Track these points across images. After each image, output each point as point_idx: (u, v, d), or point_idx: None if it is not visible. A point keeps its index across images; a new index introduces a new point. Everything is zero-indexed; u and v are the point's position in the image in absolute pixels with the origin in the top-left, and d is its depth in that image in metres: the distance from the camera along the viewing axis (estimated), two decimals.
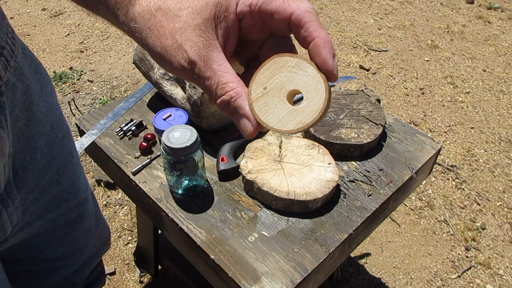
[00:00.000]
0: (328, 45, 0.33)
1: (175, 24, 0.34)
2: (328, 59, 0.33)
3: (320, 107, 0.34)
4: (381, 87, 2.33)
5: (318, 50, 0.33)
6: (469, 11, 3.11)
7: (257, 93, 0.35)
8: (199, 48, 0.33)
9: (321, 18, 2.91)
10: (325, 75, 0.34)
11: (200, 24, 0.34)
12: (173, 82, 0.94)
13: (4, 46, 0.49)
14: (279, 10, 0.33)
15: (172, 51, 0.34)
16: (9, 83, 0.52)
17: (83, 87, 2.20)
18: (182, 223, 0.76)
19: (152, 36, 0.35)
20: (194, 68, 0.34)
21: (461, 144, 2.00)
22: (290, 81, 0.35)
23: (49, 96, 0.63)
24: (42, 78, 0.62)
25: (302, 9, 0.33)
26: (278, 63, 0.35)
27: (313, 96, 0.35)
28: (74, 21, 2.70)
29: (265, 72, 0.35)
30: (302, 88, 0.35)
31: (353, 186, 0.84)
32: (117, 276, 1.41)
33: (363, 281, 1.42)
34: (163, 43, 0.34)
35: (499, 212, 1.70)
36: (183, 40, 0.34)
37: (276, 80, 0.35)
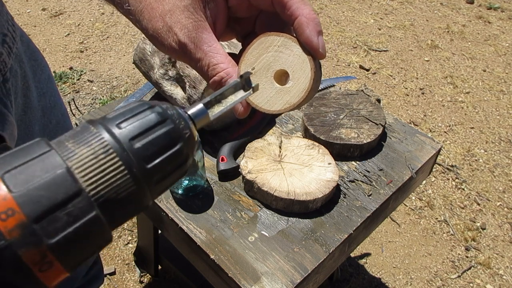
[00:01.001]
0: (312, 22, 0.32)
1: (164, 6, 0.34)
2: (311, 37, 0.32)
3: (306, 86, 0.34)
4: (381, 87, 2.33)
5: (302, 29, 0.33)
6: (469, 11, 3.11)
7: (246, 73, 0.35)
8: (188, 30, 0.34)
9: (321, 18, 2.91)
10: (310, 54, 0.34)
11: (188, 5, 0.34)
12: (173, 82, 0.94)
13: (6, 33, 0.50)
14: None
15: (163, 34, 0.34)
16: (12, 70, 0.52)
17: (83, 87, 2.20)
18: (182, 223, 0.76)
19: (144, 19, 0.35)
20: (185, 50, 0.34)
21: (461, 144, 2.00)
22: (277, 60, 0.35)
23: (43, 82, 0.64)
24: (37, 65, 0.62)
25: None
26: (264, 42, 0.35)
27: (299, 76, 0.34)
28: (74, 21, 2.70)
29: (253, 52, 0.35)
30: (288, 68, 0.34)
31: (353, 186, 0.84)
32: (117, 276, 1.41)
33: (363, 281, 1.42)
34: (154, 26, 0.34)
35: (499, 212, 1.70)
36: (173, 23, 0.34)
37: (263, 60, 0.35)
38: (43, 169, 0.18)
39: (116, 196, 0.20)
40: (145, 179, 0.21)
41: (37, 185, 0.18)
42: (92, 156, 0.20)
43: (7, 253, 0.17)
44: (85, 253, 0.20)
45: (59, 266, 0.19)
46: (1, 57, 0.49)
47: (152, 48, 0.96)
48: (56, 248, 0.18)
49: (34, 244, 0.17)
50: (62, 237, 0.18)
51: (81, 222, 0.19)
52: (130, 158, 0.21)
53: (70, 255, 0.19)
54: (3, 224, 0.17)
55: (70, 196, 0.18)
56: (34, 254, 0.18)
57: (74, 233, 0.18)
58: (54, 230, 0.18)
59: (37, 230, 0.18)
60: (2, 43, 0.49)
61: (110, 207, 0.20)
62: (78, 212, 0.19)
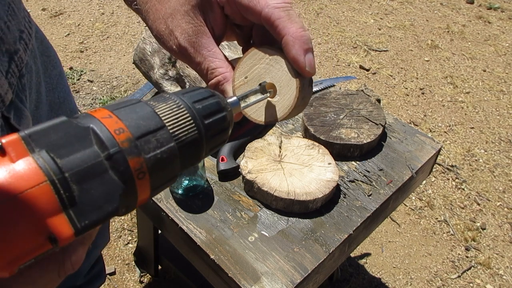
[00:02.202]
0: (299, 41, 0.32)
1: (166, 9, 0.35)
2: (297, 57, 0.33)
3: (290, 103, 0.35)
4: (381, 87, 2.33)
5: (288, 49, 0.33)
6: (469, 11, 3.11)
7: (239, 81, 0.37)
8: (188, 35, 0.35)
9: (321, 18, 2.91)
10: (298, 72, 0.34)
11: (189, 10, 0.35)
12: (173, 82, 0.94)
13: (23, 30, 0.51)
14: (250, 6, 0.33)
15: (165, 36, 0.36)
16: (28, 66, 0.53)
17: (83, 87, 2.20)
18: (182, 223, 0.76)
19: (149, 19, 0.37)
20: (186, 54, 0.36)
21: (461, 144, 2.00)
22: (267, 73, 0.36)
23: (53, 78, 0.64)
24: (50, 61, 0.63)
25: (270, 6, 0.32)
26: (257, 54, 0.36)
27: (285, 92, 0.35)
28: (74, 21, 2.70)
29: (247, 61, 0.36)
30: (276, 83, 0.35)
31: (353, 186, 0.84)
32: (117, 276, 1.41)
33: (363, 281, 1.42)
34: (157, 27, 0.36)
35: (499, 212, 1.70)
36: (174, 27, 0.35)
37: (255, 70, 0.36)
38: (139, 110, 0.26)
39: (185, 138, 0.27)
40: (204, 131, 0.28)
41: (136, 117, 0.25)
42: (169, 108, 0.27)
43: (119, 157, 0.23)
44: (163, 177, 0.26)
45: (148, 180, 0.25)
46: (18, 53, 0.49)
47: (152, 48, 0.96)
48: (149, 162, 0.24)
49: (136, 154, 0.24)
50: (153, 155, 0.25)
51: (164, 148, 0.25)
52: (194, 114, 0.28)
53: (155, 172, 0.25)
54: (117, 137, 0.23)
55: (157, 128, 0.25)
56: (136, 162, 0.24)
57: (160, 154, 0.25)
58: (148, 148, 0.24)
59: (138, 145, 0.24)
60: (19, 39, 0.50)
61: (180, 145, 0.27)
62: (163, 140, 0.25)
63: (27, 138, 0.21)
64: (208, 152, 0.30)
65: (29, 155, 0.21)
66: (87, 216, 0.22)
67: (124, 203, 0.24)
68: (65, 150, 0.22)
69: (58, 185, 0.21)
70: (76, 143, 0.22)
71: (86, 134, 0.23)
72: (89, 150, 0.23)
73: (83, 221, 0.22)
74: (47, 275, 0.26)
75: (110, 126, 0.24)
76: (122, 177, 0.23)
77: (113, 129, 0.23)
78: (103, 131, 0.23)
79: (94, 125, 0.23)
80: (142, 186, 0.25)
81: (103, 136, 0.23)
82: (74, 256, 0.27)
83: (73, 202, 0.22)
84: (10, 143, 0.21)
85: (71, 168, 0.22)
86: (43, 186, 0.21)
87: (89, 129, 0.23)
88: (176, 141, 0.26)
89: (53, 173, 0.21)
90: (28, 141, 0.21)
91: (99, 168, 0.23)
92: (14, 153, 0.21)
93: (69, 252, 0.27)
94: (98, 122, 0.24)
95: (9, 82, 0.47)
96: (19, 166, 0.21)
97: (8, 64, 0.47)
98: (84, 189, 0.22)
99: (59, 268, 0.26)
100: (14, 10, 0.50)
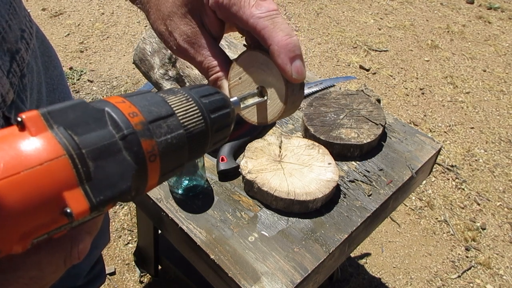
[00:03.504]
0: (284, 50, 0.32)
1: (164, 11, 0.37)
2: (284, 66, 0.33)
3: (279, 108, 0.36)
4: (381, 87, 2.33)
5: (274, 58, 0.33)
6: (469, 11, 3.11)
7: (234, 80, 0.38)
8: (188, 36, 0.37)
9: (321, 18, 2.91)
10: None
11: (186, 13, 0.36)
12: (173, 82, 0.94)
13: (24, 29, 0.51)
14: (237, 16, 0.34)
15: (166, 37, 0.38)
16: (29, 66, 0.53)
17: (83, 87, 2.20)
18: (182, 223, 0.76)
19: (150, 18, 0.38)
20: (186, 53, 0.38)
21: (461, 144, 2.00)
22: (259, 76, 0.37)
23: (54, 78, 0.64)
24: (50, 61, 0.63)
25: (255, 16, 0.33)
26: (250, 56, 0.37)
27: (275, 97, 0.36)
28: (74, 21, 2.70)
29: (241, 63, 0.37)
30: (267, 87, 0.37)
31: (353, 186, 0.84)
32: (117, 276, 1.41)
33: (363, 281, 1.42)
34: (158, 28, 0.38)
35: (499, 212, 1.70)
36: (173, 28, 0.37)
37: (248, 71, 0.37)
38: (150, 98, 0.27)
39: (193, 129, 0.28)
40: (210, 124, 0.30)
41: (148, 103, 0.26)
42: (178, 99, 0.29)
43: (133, 138, 0.24)
44: (172, 163, 0.27)
45: (158, 164, 0.26)
46: (20, 53, 0.49)
47: (152, 48, 0.96)
48: (160, 145, 0.26)
49: (149, 137, 0.25)
50: (164, 139, 0.26)
51: (174, 133, 0.27)
52: (201, 107, 0.29)
53: (166, 156, 0.26)
54: (132, 119, 0.24)
55: (168, 114, 0.27)
56: (148, 144, 0.25)
57: (170, 139, 0.26)
58: (160, 133, 0.26)
59: (151, 128, 0.25)
60: (20, 38, 0.50)
61: (188, 134, 0.28)
62: (173, 127, 0.27)
63: (46, 114, 0.22)
64: (212, 146, 0.32)
65: (48, 130, 0.22)
66: (102, 192, 0.23)
67: (135, 184, 0.25)
68: (82, 129, 0.23)
69: (76, 159, 0.22)
70: (93, 123, 0.23)
71: (102, 115, 0.24)
72: (105, 130, 0.24)
73: (98, 197, 0.23)
74: (54, 262, 0.27)
75: (124, 110, 0.25)
76: (135, 157, 0.24)
77: (127, 112, 0.25)
78: (117, 114, 0.24)
79: (109, 108, 0.24)
80: (152, 170, 0.26)
81: (118, 118, 0.24)
82: (82, 244, 0.28)
83: (89, 177, 0.22)
84: (30, 118, 0.22)
85: (88, 145, 0.22)
86: (62, 159, 0.21)
87: (104, 111, 0.24)
88: (184, 129, 0.28)
89: (72, 148, 0.22)
90: (47, 118, 0.22)
91: (114, 147, 0.23)
92: (34, 128, 0.22)
93: (77, 241, 0.27)
94: (112, 105, 0.25)
95: (10, 82, 0.47)
96: (38, 140, 0.22)
97: (10, 63, 0.47)
98: (99, 166, 0.23)
99: (65, 256, 0.27)
100: (16, 9, 0.50)
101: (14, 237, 0.21)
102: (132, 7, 2.84)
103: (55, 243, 0.27)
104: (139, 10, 2.99)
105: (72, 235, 0.27)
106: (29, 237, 0.22)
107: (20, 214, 0.21)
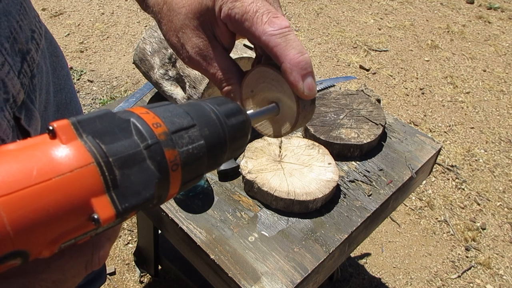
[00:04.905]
0: (296, 68, 0.33)
1: (176, 23, 0.37)
2: (295, 83, 0.33)
3: (292, 122, 0.37)
4: (381, 87, 2.33)
5: (286, 76, 0.34)
6: (469, 11, 3.11)
7: (246, 92, 0.39)
8: (200, 49, 0.37)
9: (321, 18, 2.91)
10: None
11: (198, 25, 0.36)
12: (173, 82, 0.93)
13: (34, 29, 0.51)
14: (249, 31, 0.34)
15: (178, 48, 0.38)
16: (39, 66, 0.53)
17: (83, 87, 2.20)
18: (182, 223, 0.76)
19: (162, 29, 0.39)
20: (198, 65, 0.38)
21: (461, 144, 2.00)
22: (270, 92, 0.38)
23: (61, 79, 0.64)
24: (58, 62, 0.63)
25: (268, 33, 0.33)
26: (262, 72, 0.37)
27: (286, 112, 0.37)
28: (74, 21, 2.70)
29: (253, 76, 0.38)
30: (279, 102, 0.38)
31: (353, 186, 0.84)
32: (117, 276, 1.41)
33: (363, 281, 1.42)
34: (170, 39, 0.38)
35: (499, 212, 1.70)
36: (185, 41, 0.37)
37: (260, 86, 0.38)
38: (172, 109, 0.28)
39: (212, 139, 0.29)
40: (228, 134, 0.31)
41: (170, 115, 0.27)
42: (198, 111, 0.30)
43: (157, 147, 0.25)
44: (192, 172, 0.28)
45: (180, 173, 0.27)
46: (30, 53, 0.49)
47: (152, 48, 0.96)
48: (182, 155, 0.27)
49: (171, 147, 0.26)
50: (185, 149, 0.27)
51: (195, 144, 0.28)
52: (220, 118, 0.30)
53: (187, 166, 0.27)
54: (156, 130, 0.25)
55: (189, 125, 0.28)
56: (171, 153, 0.26)
57: (191, 150, 0.27)
58: (181, 143, 0.27)
59: (173, 139, 0.26)
60: (31, 39, 0.50)
61: (208, 145, 0.29)
62: (194, 137, 0.28)
63: (76, 124, 0.23)
64: (230, 156, 0.33)
65: (78, 139, 0.23)
66: (127, 199, 0.24)
67: (158, 193, 0.26)
68: (109, 138, 0.24)
69: (104, 167, 0.23)
70: (119, 132, 0.25)
71: (127, 125, 0.25)
72: (130, 140, 0.25)
73: (124, 204, 0.23)
74: (76, 266, 0.27)
75: (148, 120, 0.26)
76: (158, 166, 0.25)
77: (151, 123, 0.26)
78: (142, 124, 0.25)
79: (134, 118, 0.26)
80: (174, 178, 0.26)
81: (142, 128, 0.25)
82: (102, 250, 0.28)
83: (116, 185, 0.23)
84: (61, 127, 0.23)
85: (115, 153, 0.23)
86: (91, 167, 0.22)
87: (129, 122, 0.25)
88: (204, 140, 0.29)
89: (100, 156, 0.23)
90: (77, 127, 0.23)
91: (139, 156, 0.24)
92: (64, 136, 0.23)
93: (98, 247, 0.28)
94: (137, 116, 0.26)
95: (21, 82, 0.47)
96: (69, 148, 0.23)
97: (21, 64, 0.47)
98: (125, 174, 0.24)
99: (87, 261, 0.28)
100: (26, 9, 0.50)
101: (45, 241, 0.22)
102: (132, 7, 2.84)
103: (78, 248, 0.27)
104: (139, 10, 2.98)
105: (93, 241, 0.28)
106: (58, 242, 0.22)
107: (51, 219, 0.21)
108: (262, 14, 0.33)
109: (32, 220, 0.21)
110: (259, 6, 0.33)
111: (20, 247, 0.21)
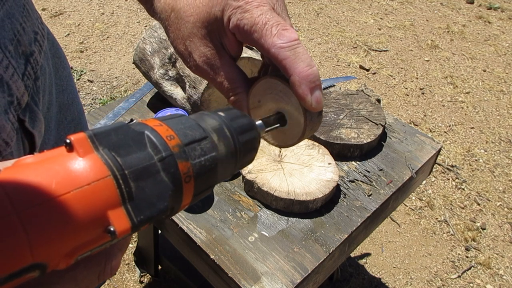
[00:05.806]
0: (305, 81, 0.33)
1: (184, 31, 0.37)
2: (304, 96, 0.34)
3: (299, 134, 0.38)
4: (381, 87, 2.33)
5: (294, 89, 0.34)
6: (469, 11, 3.11)
7: (253, 102, 0.39)
8: (207, 58, 0.37)
9: (321, 18, 2.91)
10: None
11: (206, 35, 0.36)
12: (173, 82, 0.93)
13: (37, 31, 0.51)
14: (258, 43, 0.34)
15: (185, 56, 0.38)
16: (42, 68, 0.53)
17: (83, 87, 2.20)
18: (182, 223, 0.76)
19: (170, 36, 0.39)
20: (205, 74, 0.38)
21: (461, 144, 2.00)
22: (278, 103, 0.38)
23: (63, 79, 0.64)
24: (60, 63, 0.63)
25: (276, 46, 0.33)
26: (269, 83, 0.37)
27: (293, 124, 0.38)
28: (74, 21, 2.70)
29: (260, 87, 0.38)
30: (286, 113, 0.38)
31: (353, 186, 0.84)
32: (117, 276, 1.41)
33: (363, 281, 1.42)
34: (177, 47, 0.38)
35: (499, 212, 1.70)
36: (192, 50, 0.37)
37: (267, 97, 0.38)
38: (184, 121, 0.28)
39: (224, 151, 0.30)
40: (238, 147, 0.31)
41: (183, 127, 0.28)
42: (210, 123, 0.30)
43: (171, 160, 0.25)
44: (204, 184, 0.28)
45: (192, 185, 0.27)
46: (34, 55, 0.49)
47: (152, 48, 0.96)
48: (195, 167, 0.27)
49: (185, 159, 0.26)
50: (198, 161, 0.27)
51: (208, 156, 0.28)
52: (231, 131, 0.31)
53: (200, 178, 0.27)
54: (169, 142, 0.26)
55: (202, 138, 0.28)
56: (184, 165, 0.26)
57: (204, 162, 0.27)
58: (194, 155, 0.27)
59: (186, 151, 0.26)
60: (34, 41, 0.50)
61: (219, 157, 0.29)
62: (206, 149, 0.28)
63: (92, 137, 0.24)
64: (238, 168, 0.33)
65: (94, 152, 0.23)
66: (142, 211, 0.24)
67: (171, 204, 0.26)
68: (124, 151, 0.24)
69: (120, 180, 0.23)
70: (134, 145, 0.25)
71: (141, 138, 0.26)
72: (145, 152, 0.25)
73: (139, 216, 0.24)
74: (89, 277, 0.28)
75: (162, 133, 0.26)
76: (172, 178, 0.25)
77: (164, 135, 0.26)
78: (156, 136, 0.26)
79: (148, 131, 0.26)
80: (187, 190, 0.27)
81: (156, 140, 0.26)
82: (115, 261, 0.29)
83: (131, 197, 0.24)
84: (78, 140, 0.23)
85: (130, 166, 0.24)
86: (107, 179, 0.23)
87: (144, 134, 0.26)
88: (216, 152, 0.29)
89: (116, 169, 0.23)
90: (93, 140, 0.24)
91: (153, 168, 0.25)
92: (81, 149, 0.23)
93: (111, 257, 0.29)
94: (151, 129, 0.26)
95: (25, 84, 0.47)
96: (86, 161, 0.23)
97: (25, 66, 0.47)
98: (140, 186, 0.24)
99: (100, 271, 0.28)
100: (29, 11, 0.50)
101: (62, 254, 0.22)
102: (132, 7, 2.84)
103: (91, 259, 0.28)
104: (139, 10, 2.97)
105: (106, 251, 0.28)
106: (75, 254, 0.23)
107: (69, 231, 0.22)
108: (271, 26, 0.33)
109: (51, 233, 0.21)
110: (268, 18, 0.33)
111: (39, 260, 0.21)
